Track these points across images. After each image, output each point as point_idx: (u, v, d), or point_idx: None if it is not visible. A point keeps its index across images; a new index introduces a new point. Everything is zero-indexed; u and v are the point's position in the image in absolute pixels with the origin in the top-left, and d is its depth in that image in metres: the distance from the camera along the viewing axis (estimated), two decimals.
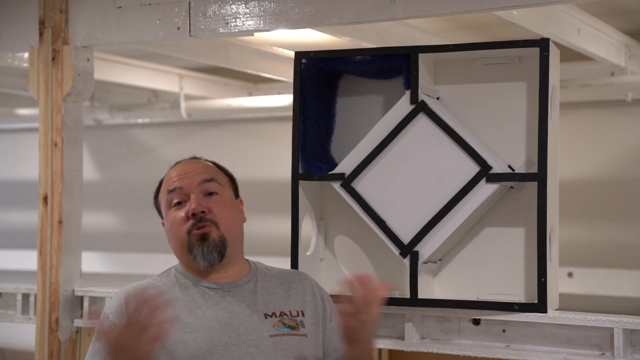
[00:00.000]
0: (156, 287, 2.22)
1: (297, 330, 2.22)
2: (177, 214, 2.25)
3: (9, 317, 3.41)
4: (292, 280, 2.33)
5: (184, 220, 2.23)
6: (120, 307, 2.15)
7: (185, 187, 2.26)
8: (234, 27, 2.93)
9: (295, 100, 2.75)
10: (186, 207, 2.24)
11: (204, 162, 2.37)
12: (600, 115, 5.19)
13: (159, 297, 2.09)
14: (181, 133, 6.45)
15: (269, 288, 2.28)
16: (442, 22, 4.53)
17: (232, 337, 2.16)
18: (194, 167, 2.32)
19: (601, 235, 5.18)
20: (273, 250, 4.99)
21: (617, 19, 4.46)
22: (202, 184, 2.27)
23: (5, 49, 3.38)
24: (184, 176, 2.28)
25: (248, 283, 2.27)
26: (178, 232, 2.24)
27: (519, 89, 2.65)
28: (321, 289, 2.36)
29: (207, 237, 2.22)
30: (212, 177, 2.30)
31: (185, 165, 2.34)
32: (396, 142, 2.67)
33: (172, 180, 2.29)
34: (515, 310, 2.55)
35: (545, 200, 2.51)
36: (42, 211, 3.20)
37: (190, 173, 2.29)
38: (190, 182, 2.27)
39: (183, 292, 2.22)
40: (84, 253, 3.39)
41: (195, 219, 2.22)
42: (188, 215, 2.23)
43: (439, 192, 2.62)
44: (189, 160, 2.38)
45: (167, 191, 2.28)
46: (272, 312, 2.23)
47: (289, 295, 2.28)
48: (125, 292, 2.21)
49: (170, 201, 2.27)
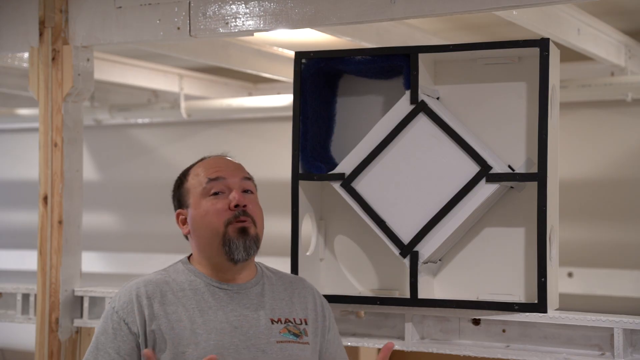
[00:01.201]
0: (166, 283, 2.20)
1: (301, 338, 2.23)
2: (214, 203, 2.22)
3: (9, 317, 3.41)
4: (295, 286, 2.33)
5: (223, 210, 2.21)
6: (131, 302, 2.15)
7: (228, 179, 2.24)
8: (234, 27, 2.93)
9: (295, 100, 2.75)
10: (227, 198, 2.22)
11: (236, 160, 2.36)
12: (600, 115, 5.19)
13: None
14: (181, 133, 6.45)
15: (275, 293, 2.28)
16: (442, 22, 4.53)
17: (242, 341, 2.16)
18: (233, 163, 2.31)
19: (601, 235, 5.18)
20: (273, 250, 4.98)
21: (617, 19, 4.47)
22: (243, 181, 2.27)
23: (5, 49, 3.38)
24: (226, 168, 2.27)
25: (256, 286, 2.26)
26: (214, 221, 2.21)
27: (519, 89, 2.65)
28: (322, 298, 2.37)
29: (247, 231, 2.20)
30: (250, 176, 2.31)
31: (223, 159, 2.32)
32: (396, 142, 2.67)
33: (213, 169, 2.26)
34: (515, 310, 2.55)
35: (545, 200, 2.51)
36: (42, 211, 3.20)
37: (231, 167, 2.28)
38: (232, 174, 2.26)
39: (193, 290, 2.21)
40: (84, 253, 3.39)
41: (237, 211, 2.20)
42: (230, 206, 2.20)
43: (439, 192, 2.62)
44: (223, 156, 2.35)
45: (207, 179, 2.24)
46: (277, 318, 2.23)
47: (293, 302, 2.28)
48: (135, 287, 2.18)
49: (209, 190, 2.23)
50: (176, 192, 2.32)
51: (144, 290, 2.17)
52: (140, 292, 2.17)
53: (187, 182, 2.29)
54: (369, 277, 2.81)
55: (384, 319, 2.75)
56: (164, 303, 2.16)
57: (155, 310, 2.15)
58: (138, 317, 2.14)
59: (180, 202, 2.30)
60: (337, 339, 2.36)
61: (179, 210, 2.30)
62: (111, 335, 2.14)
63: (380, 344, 2.73)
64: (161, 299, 2.16)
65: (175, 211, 2.31)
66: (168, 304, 2.16)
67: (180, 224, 2.30)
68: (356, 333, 2.78)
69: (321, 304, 2.34)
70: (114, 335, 2.14)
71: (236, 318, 2.18)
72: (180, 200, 2.30)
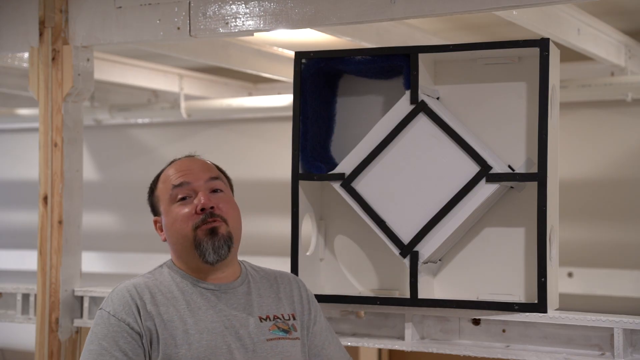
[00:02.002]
0: (154, 285, 2.20)
1: (290, 333, 2.24)
2: (181, 209, 2.21)
3: (9, 317, 3.41)
4: (280, 281, 2.33)
5: (189, 215, 2.20)
6: (127, 303, 2.13)
7: (192, 183, 2.23)
8: (234, 27, 2.93)
9: (295, 100, 2.75)
10: (193, 202, 2.20)
11: (204, 160, 2.34)
12: (600, 115, 5.18)
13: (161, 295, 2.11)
14: (181, 133, 6.44)
15: (261, 290, 2.28)
16: (442, 22, 4.53)
17: (234, 341, 2.15)
18: (199, 164, 2.29)
19: (601, 235, 5.18)
20: (273, 250, 4.99)
21: (617, 19, 4.47)
22: (209, 181, 2.25)
23: (5, 49, 3.38)
24: (190, 172, 2.25)
25: (242, 285, 2.26)
26: (183, 228, 2.20)
27: (519, 89, 2.65)
28: (307, 291, 2.37)
29: (216, 231, 2.19)
30: (217, 175, 2.28)
31: (188, 161, 2.30)
32: (396, 142, 2.67)
33: (177, 174, 2.25)
34: (515, 310, 2.55)
35: (545, 200, 2.51)
36: (42, 211, 3.20)
37: (196, 169, 2.26)
38: (197, 177, 2.24)
39: (182, 291, 2.20)
40: (84, 253, 3.39)
41: (204, 214, 2.19)
42: (196, 210, 2.19)
43: (439, 192, 2.62)
44: (188, 157, 2.33)
45: (171, 186, 2.23)
46: (266, 315, 2.23)
47: (279, 297, 2.29)
48: (126, 289, 2.17)
49: (175, 196, 2.23)
50: (149, 199, 2.33)
51: (135, 291, 2.16)
52: (132, 292, 2.16)
53: (157, 190, 2.29)
54: (369, 277, 2.81)
55: (384, 319, 2.75)
56: (155, 304, 2.15)
57: (148, 310, 2.14)
58: (137, 317, 2.13)
59: (153, 209, 2.31)
60: (326, 332, 2.36)
61: (155, 218, 2.30)
62: (113, 339, 2.12)
63: (380, 344, 2.74)
64: (152, 300, 2.15)
65: (153, 218, 2.31)
66: (159, 304, 2.15)
67: (158, 231, 2.30)
68: (356, 333, 2.78)
69: (307, 298, 2.34)
70: (116, 339, 2.12)
71: (226, 318, 2.18)
72: (153, 207, 2.31)
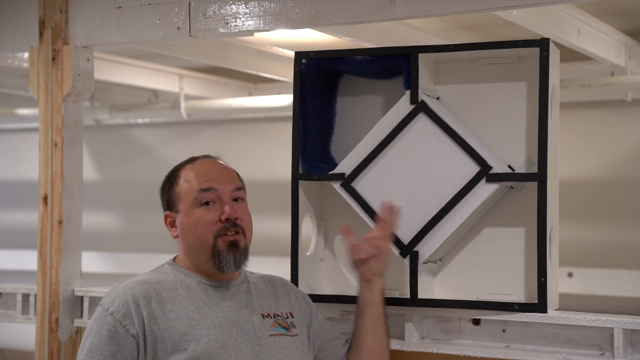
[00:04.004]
0: (158, 282, 2.21)
1: (290, 331, 2.30)
2: (205, 214, 2.24)
3: (9, 317, 3.41)
4: (275, 283, 2.40)
5: (213, 222, 2.23)
6: (127, 304, 2.14)
7: (219, 190, 2.26)
8: (234, 27, 2.93)
9: (295, 100, 2.75)
10: (217, 209, 2.24)
11: (228, 165, 2.36)
12: (600, 115, 5.19)
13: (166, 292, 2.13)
14: (181, 133, 6.45)
15: (259, 290, 2.34)
16: (442, 22, 4.53)
17: (240, 335, 2.20)
18: (225, 171, 2.32)
19: (601, 235, 5.18)
20: (273, 250, 4.99)
21: (617, 19, 4.47)
22: (234, 191, 2.29)
23: (5, 49, 3.38)
24: (219, 179, 2.28)
25: (242, 284, 2.32)
26: (204, 233, 2.23)
27: (519, 89, 2.65)
28: (301, 292, 2.46)
29: (237, 244, 2.24)
30: (242, 185, 2.33)
31: (216, 167, 2.32)
32: (396, 142, 2.67)
33: (205, 178, 2.27)
34: (515, 310, 2.55)
35: (545, 200, 2.51)
36: (42, 211, 3.20)
37: (224, 177, 2.29)
38: (226, 187, 2.27)
39: (186, 288, 2.23)
40: (84, 253, 3.39)
41: (228, 223, 2.23)
42: (221, 219, 2.23)
43: (439, 192, 2.62)
44: (215, 160, 2.35)
45: (199, 189, 2.25)
46: (267, 313, 2.29)
47: (277, 297, 2.36)
48: (129, 288, 2.18)
49: (200, 199, 2.25)
50: (165, 193, 2.33)
51: (139, 290, 2.17)
52: (135, 292, 2.16)
53: (178, 187, 2.29)
54: None
55: None
56: (160, 302, 2.17)
57: (153, 310, 2.15)
58: (136, 318, 2.13)
59: (169, 204, 2.31)
60: (325, 325, 2.45)
61: (167, 212, 2.31)
62: (106, 338, 2.12)
63: None
64: (157, 298, 2.17)
65: (164, 211, 2.32)
66: (165, 302, 2.17)
67: (168, 226, 2.31)
68: None
69: (303, 296, 2.44)
70: (109, 338, 2.12)
71: (231, 313, 2.22)
72: (170, 203, 2.31)
